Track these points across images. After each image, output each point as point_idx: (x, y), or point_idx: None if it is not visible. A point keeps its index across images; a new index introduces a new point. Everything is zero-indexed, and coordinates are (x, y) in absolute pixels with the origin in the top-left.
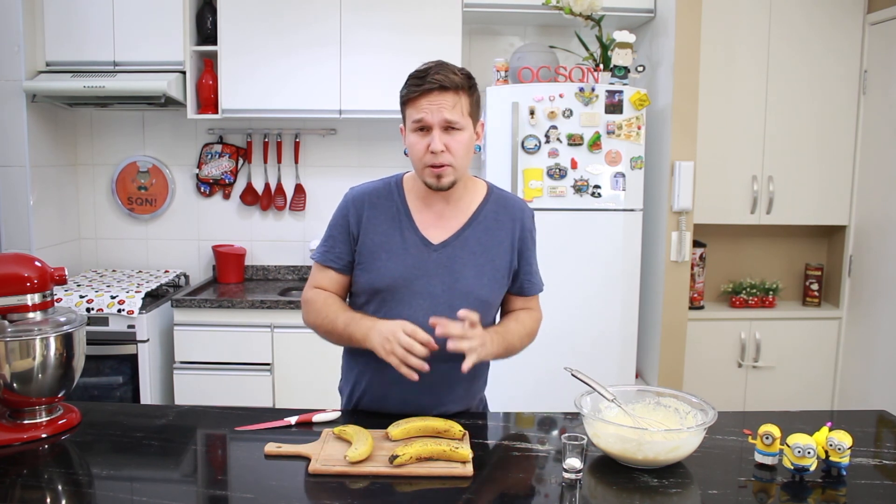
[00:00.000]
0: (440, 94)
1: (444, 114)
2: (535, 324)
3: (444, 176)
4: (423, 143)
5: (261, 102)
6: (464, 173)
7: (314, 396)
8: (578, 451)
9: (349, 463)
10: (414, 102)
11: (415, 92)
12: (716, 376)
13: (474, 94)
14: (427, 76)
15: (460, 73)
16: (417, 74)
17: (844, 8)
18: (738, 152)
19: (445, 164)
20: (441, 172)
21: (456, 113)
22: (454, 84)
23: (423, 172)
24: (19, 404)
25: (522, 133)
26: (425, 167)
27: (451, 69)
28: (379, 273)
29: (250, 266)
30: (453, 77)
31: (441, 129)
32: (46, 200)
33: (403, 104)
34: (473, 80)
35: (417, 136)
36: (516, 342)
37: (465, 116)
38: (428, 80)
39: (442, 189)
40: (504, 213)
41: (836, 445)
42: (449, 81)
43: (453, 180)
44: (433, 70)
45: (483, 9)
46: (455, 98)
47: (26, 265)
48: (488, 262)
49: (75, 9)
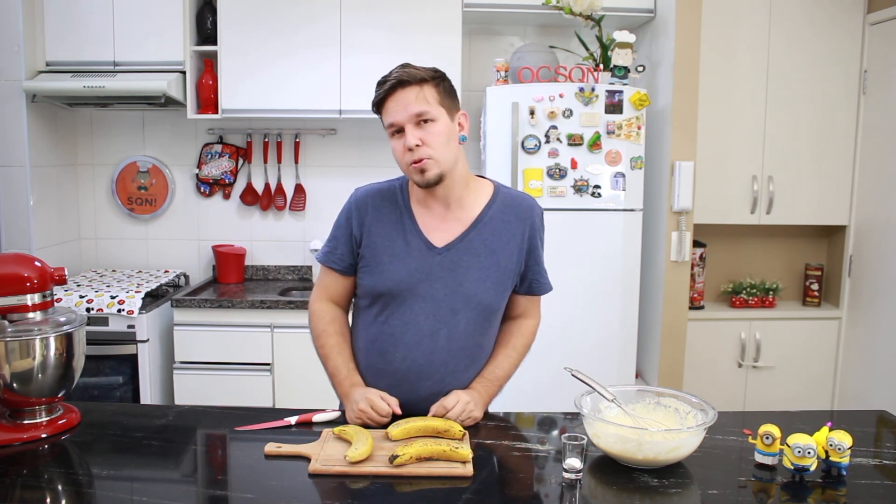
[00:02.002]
0: (402, 91)
1: (411, 108)
2: (529, 338)
3: (427, 169)
4: (402, 143)
5: (261, 102)
6: (450, 166)
7: (314, 396)
8: (578, 451)
9: (349, 463)
10: (384, 107)
11: (380, 95)
12: (716, 376)
13: (441, 85)
14: (388, 78)
15: (422, 68)
16: (380, 80)
17: (844, 8)
18: (738, 152)
19: (424, 158)
20: (423, 166)
21: (421, 104)
22: (413, 77)
23: (409, 172)
24: (19, 404)
25: (522, 133)
26: (408, 166)
27: (412, 66)
28: (382, 277)
29: (250, 266)
30: (412, 71)
31: (413, 125)
32: (46, 200)
33: (377, 112)
34: (439, 73)
35: (396, 139)
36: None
37: (435, 105)
38: (388, 81)
39: (430, 184)
40: (511, 213)
41: (836, 445)
42: (407, 75)
43: (438, 173)
44: (393, 71)
45: (483, 9)
46: (417, 90)
47: (26, 265)
48: (493, 265)
49: (75, 9)
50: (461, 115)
